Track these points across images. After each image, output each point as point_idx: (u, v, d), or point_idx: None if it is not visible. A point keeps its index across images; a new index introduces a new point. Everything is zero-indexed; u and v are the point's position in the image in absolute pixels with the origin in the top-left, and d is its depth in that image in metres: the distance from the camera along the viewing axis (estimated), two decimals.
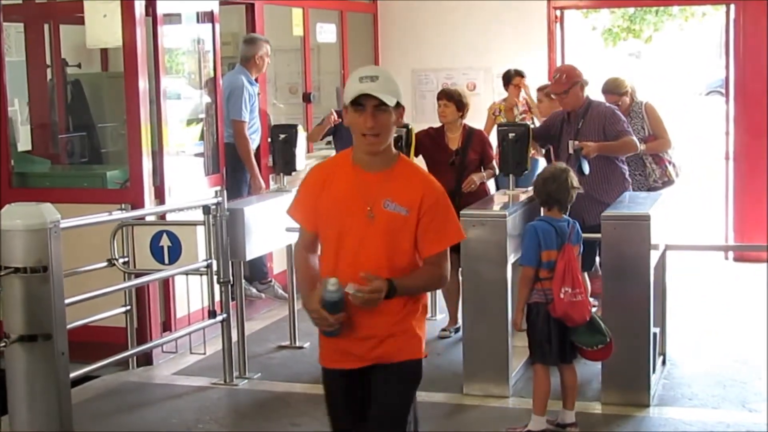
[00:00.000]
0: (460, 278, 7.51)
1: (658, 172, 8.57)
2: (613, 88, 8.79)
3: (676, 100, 28.34)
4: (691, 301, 9.03)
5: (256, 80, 9.07)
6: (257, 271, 8.95)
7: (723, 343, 7.88)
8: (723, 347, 7.77)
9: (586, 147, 7.43)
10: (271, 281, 9.07)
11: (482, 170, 8.08)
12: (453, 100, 8.05)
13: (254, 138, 9.00)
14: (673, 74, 30.89)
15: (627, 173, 7.91)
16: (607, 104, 8.01)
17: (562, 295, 5.72)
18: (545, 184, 6.03)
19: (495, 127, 8.77)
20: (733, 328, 8.31)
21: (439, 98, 8.19)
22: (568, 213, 6.05)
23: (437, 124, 8.23)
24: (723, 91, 12.09)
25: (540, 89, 9.56)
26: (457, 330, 7.89)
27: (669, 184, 8.58)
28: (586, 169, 7.40)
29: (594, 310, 5.99)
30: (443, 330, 8.12)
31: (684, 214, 11.62)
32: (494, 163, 8.14)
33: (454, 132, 8.12)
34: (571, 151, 7.50)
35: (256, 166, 8.87)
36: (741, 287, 9.74)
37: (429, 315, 8.43)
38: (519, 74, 10.12)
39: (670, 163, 8.66)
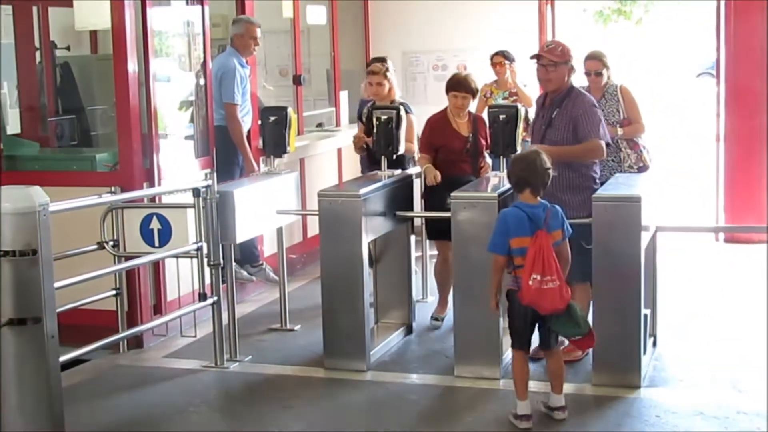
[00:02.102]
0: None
1: (633, 158, 8.26)
2: (598, 55, 8.44)
3: (667, 82, 28.34)
4: (682, 282, 9.04)
5: (247, 62, 9.05)
6: (248, 254, 8.94)
7: (714, 325, 7.89)
8: (714, 328, 7.79)
9: (539, 150, 6.34)
10: (262, 264, 9.06)
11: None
12: (471, 92, 7.86)
13: (246, 120, 8.99)
14: (665, 56, 30.83)
15: (597, 178, 7.09)
16: (588, 96, 7.16)
17: (530, 282, 5.66)
18: (514, 165, 5.99)
19: (486, 108, 8.70)
20: (724, 309, 8.32)
21: (456, 90, 7.84)
22: None
23: (431, 107, 8.14)
24: (714, 72, 12.07)
25: (371, 72, 8.64)
26: (443, 319, 7.87)
27: (644, 170, 8.22)
28: None
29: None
30: (434, 319, 7.97)
31: (675, 195, 11.63)
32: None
33: (462, 118, 7.93)
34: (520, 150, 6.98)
35: (249, 149, 8.86)
36: (732, 268, 9.76)
37: (420, 297, 8.48)
38: (499, 54, 10.08)
39: (644, 147, 8.38)
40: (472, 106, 8.20)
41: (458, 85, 7.90)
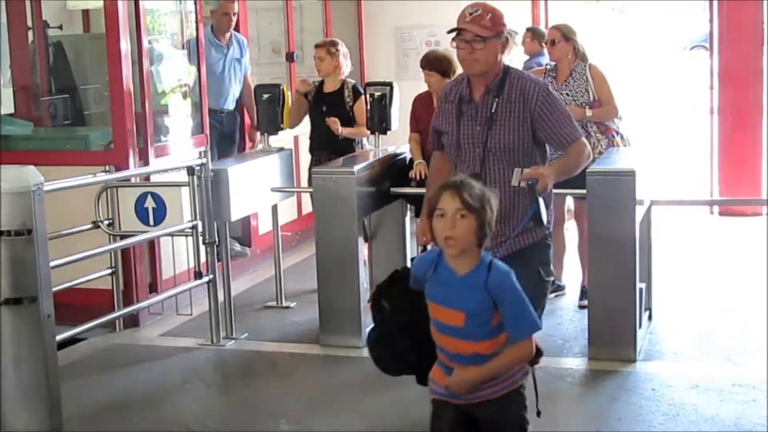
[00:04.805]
0: None
1: (604, 143, 7.54)
2: (559, 25, 7.79)
3: (660, 56, 28.32)
4: (677, 256, 9.04)
5: (227, 38, 9.04)
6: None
7: (708, 298, 7.91)
8: (708, 302, 7.80)
9: (542, 177, 4.54)
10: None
11: None
12: (439, 70, 7.35)
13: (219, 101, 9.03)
14: (657, 29, 30.82)
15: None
16: (535, 77, 5.08)
17: None
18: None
19: None
20: (718, 282, 8.34)
21: (424, 67, 7.50)
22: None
23: (423, 83, 8.07)
24: (707, 45, 12.05)
25: (315, 46, 8.52)
26: None
27: None
28: (545, 216, 4.54)
29: None
30: None
31: (669, 169, 11.63)
32: None
33: None
34: (516, 183, 4.79)
35: None
36: (726, 241, 9.77)
37: None
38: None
39: (617, 133, 7.64)
40: None
41: (426, 62, 7.51)
